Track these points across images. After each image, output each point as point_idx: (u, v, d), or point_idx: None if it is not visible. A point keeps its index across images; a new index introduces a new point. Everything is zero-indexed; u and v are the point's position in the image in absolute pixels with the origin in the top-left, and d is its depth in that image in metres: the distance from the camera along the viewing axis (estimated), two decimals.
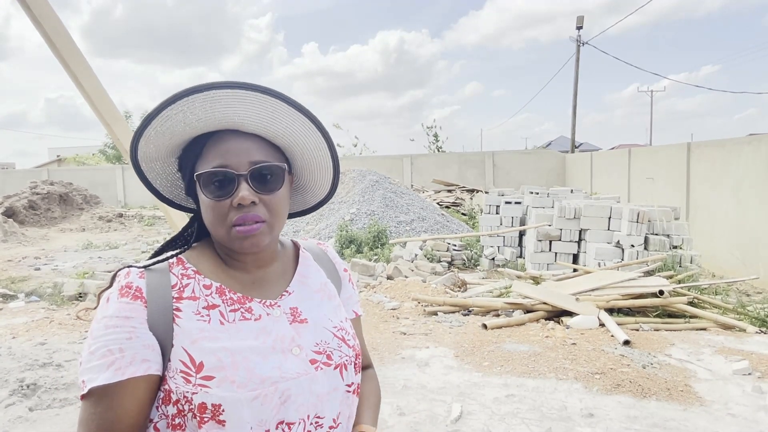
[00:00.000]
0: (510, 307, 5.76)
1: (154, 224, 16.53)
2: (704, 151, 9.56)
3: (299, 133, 0.94)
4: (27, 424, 3.48)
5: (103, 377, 0.80)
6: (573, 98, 22.68)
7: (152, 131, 0.90)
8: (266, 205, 0.91)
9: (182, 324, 0.86)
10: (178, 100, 0.86)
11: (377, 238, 9.72)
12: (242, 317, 0.90)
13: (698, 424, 3.30)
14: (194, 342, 0.85)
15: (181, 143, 0.95)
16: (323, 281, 1.05)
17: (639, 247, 7.51)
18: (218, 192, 0.89)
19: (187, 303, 0.88)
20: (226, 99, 0.86)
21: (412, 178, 21.09)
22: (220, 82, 0.86)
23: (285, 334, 0.91)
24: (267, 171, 0.91)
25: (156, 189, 1.02)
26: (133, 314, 0.84)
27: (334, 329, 0.97)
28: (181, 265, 0.93)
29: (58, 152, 46.45)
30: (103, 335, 0.83)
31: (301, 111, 0.91)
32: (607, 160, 15.57)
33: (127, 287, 0.86)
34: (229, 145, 0.90)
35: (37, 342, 5.09)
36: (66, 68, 3.09)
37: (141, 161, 0.95)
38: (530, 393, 3.77)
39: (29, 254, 11.37)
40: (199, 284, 0.91)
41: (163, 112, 0.87)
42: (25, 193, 16.36)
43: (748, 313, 5.58)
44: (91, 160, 35.42)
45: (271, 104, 0.89)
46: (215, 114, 0.88)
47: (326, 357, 0.93)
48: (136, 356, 0.82)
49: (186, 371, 0.83)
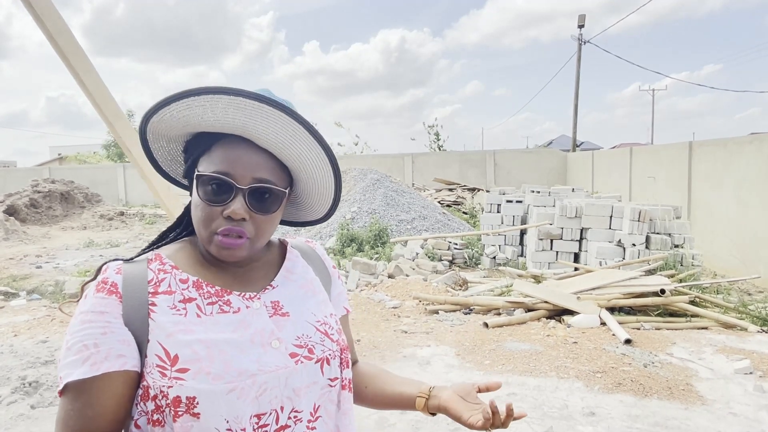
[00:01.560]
0: (511, 305, 5.76)
1: (156, 222, 16.54)
2: (706, 151, 9.55)
3: (312, 162, 0.94)
4: (29, 422, 3.49)
5: (78, 372, 0.80)
6: (574, 97, 22.67)
7: (168, 114, 0.89)
8: (255, 223, 0.91)
9: (157, 318, 0.85)
10: (204, 94, 0.85)
11: (378, 237, 9.72)
12: (220, 310, 0.89)
13: (699, 423, 3.30)
14: (169, 335, 0.84)
15: (192, 132, 0.94)
16: (310, 277, 1.04)
17: (640, 246, 7.51)
18: (213, 197, 0.89)
19: (163, 297, 0.87)
20: (251, 110, 0.85)
21: (413, 177, 21.09)
22: (252, 93, 0.85)
23: (264, 327, 0.90)
24: (267, 191, 0.91)
25: (156, 161, 1.01)
26: (107, 309, 0.84)
27: (317, 323, 0.96)
28: (158, 261, 0.93)
29: (60, 151, 46.52)
30: (79, 330, 0.83)
31: (320, 144, 0.91)
32: (609, 159, 15.55)
33: (103, 282, 0.86)
34: (239, 153, 0.89)
35: (38, 340, 5.10)
36: (68, 67, 3.10)
37: (148, 132, 0.94)
38: (532, 392, 3.77)
39: (31, 252, 11.38)
40: (175, 278, 0.90)
41: (186, 100, 0.86)
42: (26, 191, 16.37)
43: (749, 312, 5.57)
44: (93, 158, 35.47)
45: (293, 128, 0.88)
46: (236, 121, 0.87)
47: (308, 351, 0.92)
48: (111, 351, 0.82)
49: (162, 365, 0.82)
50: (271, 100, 0.85)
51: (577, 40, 22.46)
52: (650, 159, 12.20)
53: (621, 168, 13.89)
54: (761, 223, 7.75)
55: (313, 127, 0.89)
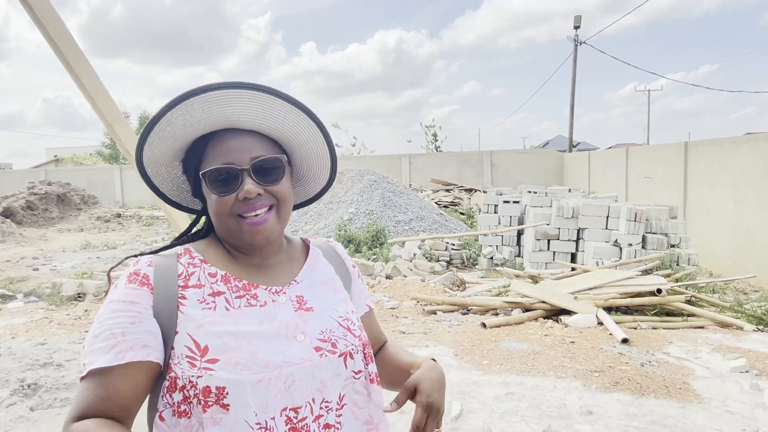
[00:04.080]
0: (509, 306, 5.78)
1: (152, 224, 16.52)
2: (702, 150, 9.60)
3: (295, 126, 0.98)
4: (28, 424, 3.49)
5: (103, 359, 0.82)
6: (571, 97, 22.70)
7: (155, 137, 0.93)
8: (271, 195, 0.95)
9: (186, 311, 0.88)
10: (178, 104, 0.89)
11: (376, 238, 9.74)
12: (248, 303, 0.92)
13: (696, 421, 3.33)
14: (199, 327, 0.86)
15: (183, 146, 0.98)
16: (331, 275, 1.07)
17: (637, 245, 7.54)
18: (224, 188, 0.92)
19: (193, 291, 0.90)
20: (223, 99, 0.90)
21: (410, 178, 21.10)
22: (216, 84, 0.89)
23: (289, 320, 0.93)
24: (268, 164, 0.95)
25: (163, 193, 1.05)
26: (138, 300, 0.87)
27: (340, 319, 0.99)
28: (188, 255, 0.96)
29: (56, 152, 46.34)
30: (108, 318, 0.85)
31: (294, 104, 0.95)
32: (605, 159, 15.60)
33: (135, 274, 0.89)
34: (230, 143, 0.94)
35: (37, 342, 5.09)
36: (68, 68, 3.10)
37: (147, 166, 0.98)
38: (529, 391, 3.79)
39: (27, 254, 11.36)
40: (204, 272, 0.93)
41: (165, 116, 0.91)
42: (22, 193, 16.33)
43: (745, 311, 5.61)
44: (89, 160, 35.37)
45: (266, 100, 0.92)
46: (213, 114, 0.91)
47: (331, 345, 0.94)
48: (137, 341, 0.84)
49: (191, 356, 0.84)
50: (236, 83, 0.89)
51: (573, 41, 22.52)
52: (646, 159, 12.25)
53: (617, 168, 13.94)
54: (757, 223, 7.79)
55: (283, 93, 0.93)
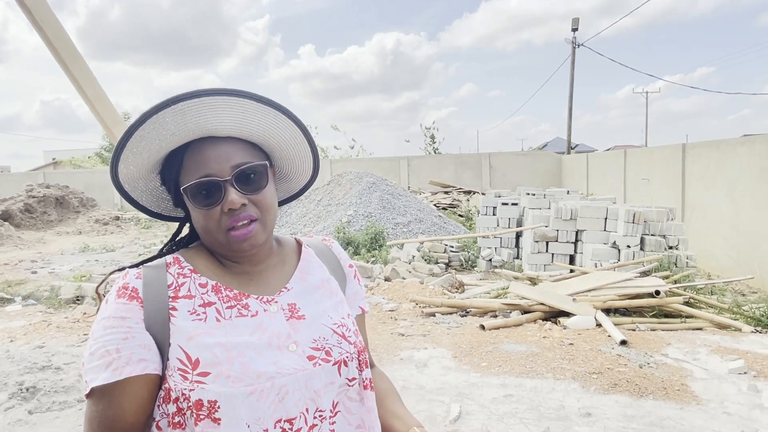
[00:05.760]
0: (507, 308, 5.79)
1: (151, 227, 16.50)
2: (699, 152, 9.62)
3: (272, 127, 0.95)
4: (27, 427, 3.48)
5: (102, 377, 0.83)
6: (569, 100, 22.75)
7: (129, 153, 0.91)
8: (255, 203, 0.92)
9: (178, 323, 0.87)
10: (147, 119, 0.87)
11: (374, 240, 9.74)
12: (239, 314, 0.91)
13: (694, 423, 3.33)
14: (190, 339, 0.86)
15: (159, 159, 0.96)
16: (325, 277, 1.05)
17: (635, 247, 7.55)
18: (207, 201, 0.90)
19: (183, 302, 0.89)
20: (195, 108, 0.87)
21: (408, 180, 21.11)
22: (185, 94, 0.86)
23: (281, 330, 0.91)
24: (250, 171, 0.92)
25: (143, 206, 1.03)
26: (129, 315, 0.86)
27: (334, 326, 0.97)
28: (177, 265, 0.94)
29: (54, 155, 46.28)
30: (102, 336, 0.85)
31: (269, 105, 0.92)
32: (603, 161, 15.64)
33: (124, 288, 0.88)
34: (209, 152, 0.91)
35: (35, 345, 5.08)
36: (66, 71, 3.10)
37: (123, 183, 0.96)
38: (528, 393, 3.79)
39: (26, 257, 11.34)
40: (194, 282, 0.92)
41: (136, 132, 0.88)
42: (21, 196, 16.31)
43: (743, 312, 5.62)
44: (87, 162, 35.34)
45: (239, 104, 0.89)
46: (187, 125, 0.89)
47: (325, 353, 0.92)
48: (132, 356, 0.84)
49: (183, 368, 0.84)
50: (206, 90, 0.87)
51: (570, 43, 22.57)
52: (644, 161, 12.28)
53: (615, 170, 13.96)
54: (754, 224, 7.81)
55: (256, 94, 0.91)
